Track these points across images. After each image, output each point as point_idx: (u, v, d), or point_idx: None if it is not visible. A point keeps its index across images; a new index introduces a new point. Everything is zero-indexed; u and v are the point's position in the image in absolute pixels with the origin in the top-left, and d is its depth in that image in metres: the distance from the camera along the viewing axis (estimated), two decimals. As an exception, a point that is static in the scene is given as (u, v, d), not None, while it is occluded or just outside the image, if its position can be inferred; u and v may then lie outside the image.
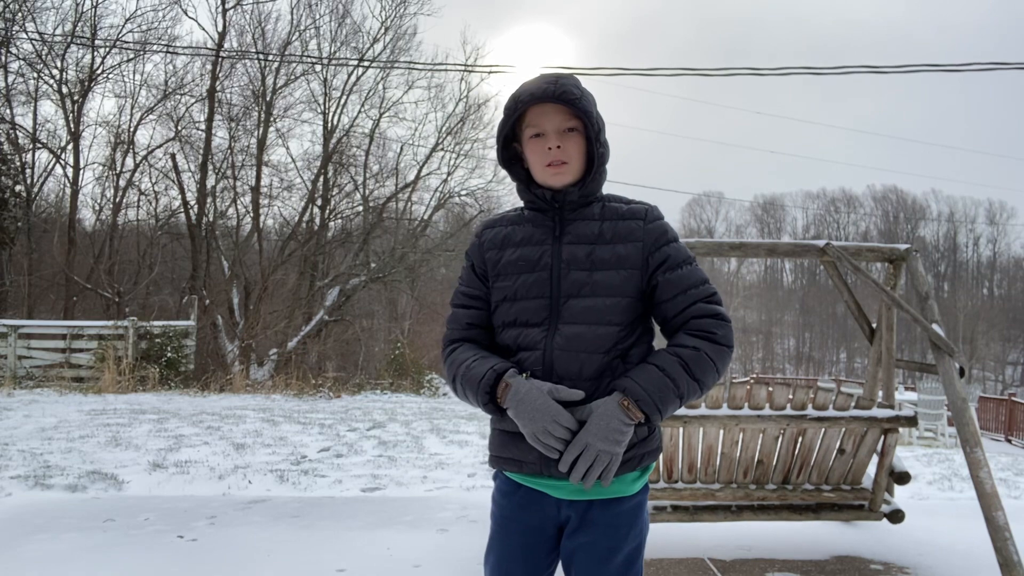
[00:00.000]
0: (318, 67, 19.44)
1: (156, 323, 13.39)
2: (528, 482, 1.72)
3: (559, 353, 1.64)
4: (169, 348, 12.83)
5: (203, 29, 38.59)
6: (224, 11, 18.42)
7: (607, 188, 1.82)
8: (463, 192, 20.74)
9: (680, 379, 1.60)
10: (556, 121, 1.68)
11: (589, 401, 1.62)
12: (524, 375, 1.64)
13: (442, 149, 20.10)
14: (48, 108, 29.26)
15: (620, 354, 1.66)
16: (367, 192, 20.61)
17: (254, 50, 18.88)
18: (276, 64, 18.91)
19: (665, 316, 1.70)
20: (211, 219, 18.63)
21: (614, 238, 1.69)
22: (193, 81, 19.08)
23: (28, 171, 18.20)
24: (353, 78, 19.66)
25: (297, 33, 19.38)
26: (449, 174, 20.36)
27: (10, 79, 17.92)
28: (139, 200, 20.22)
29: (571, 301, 1.66)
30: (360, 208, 20.68)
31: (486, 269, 1.78)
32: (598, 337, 1.64)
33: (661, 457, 3.81)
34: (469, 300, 1.80)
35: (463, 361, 1.72)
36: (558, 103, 1.66)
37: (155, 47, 18.41)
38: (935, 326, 3.72)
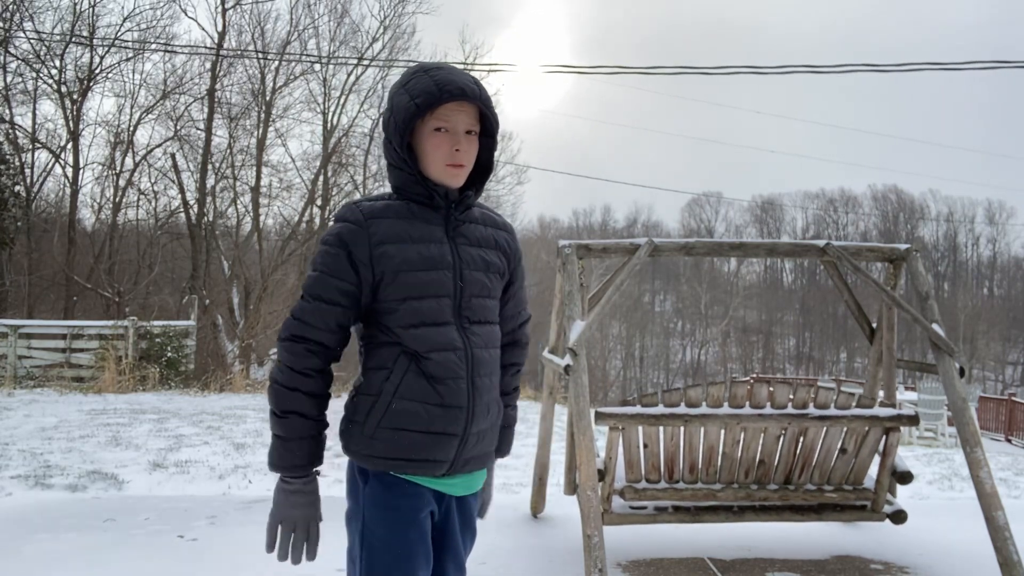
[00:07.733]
0: (317, 67, 19.47)
1: (156, 323, 13.35)
2: (422, 481, 1.73)
3: (479, 351, 1.71)
4: (169, 348, 12.80)
5: (202, 28, 38.63)
6: (224, 10, 18.43)
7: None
8: (462, 192, 20.76)
9: (515, 422, 1.99)
10: (466, 121, 1.66)
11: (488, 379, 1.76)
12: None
13: (441, 149, 20.11)
14: (47, 108, 29.24)
15: (500, 350, 1.84)
16: (366, 192, 20.62)
17: (253, 49, 18.89)
18: (275, 63, 18.92)
19: (502, 321, 1.87)
20: (211, 219, 18.63)
21: (496, 245, 1.79)
22: (192, 80, 19.10)
23: (28, 171, 18.18)
24: (352, 78, 19.71)
25: (296, 33, 19.42)
26: (448, 174, 20.37)
27: (9, 79, 17.91)
28: (139, 200, 20.22)
29: (474, 300, 1.72)
30: (360, 208, 20.68)
31: (371, 263, 1.64)
32: (497, 335, 1.80)
33: (663, 457, 3.81)
34: (339, 296, 1.65)
35: (304, 412, 1.82)
36: (477, 104, 1.65)
37: (154, 46, 18.42)
38: (935, 326, 3.72)
